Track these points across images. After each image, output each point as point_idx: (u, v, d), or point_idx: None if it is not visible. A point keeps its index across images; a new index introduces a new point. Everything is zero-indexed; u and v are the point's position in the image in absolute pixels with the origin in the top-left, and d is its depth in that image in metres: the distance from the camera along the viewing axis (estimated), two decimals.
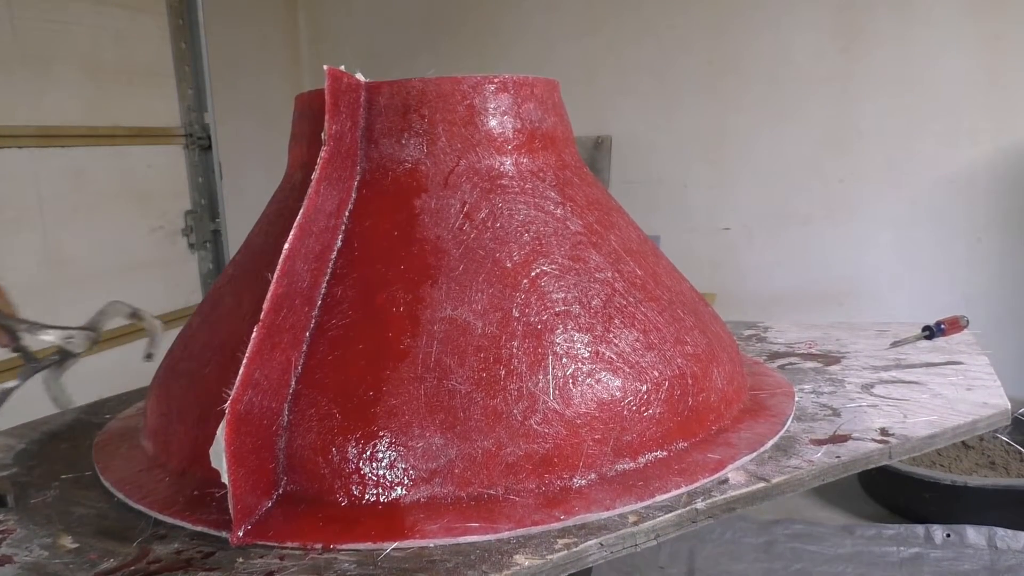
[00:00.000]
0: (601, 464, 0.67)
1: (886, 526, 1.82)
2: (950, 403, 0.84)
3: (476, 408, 0.65)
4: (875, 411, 0.83)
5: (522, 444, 0.65)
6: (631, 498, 0.63)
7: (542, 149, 0.82)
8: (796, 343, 1.16)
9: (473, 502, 0.63)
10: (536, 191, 0.78)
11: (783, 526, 1.85)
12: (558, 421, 0.66)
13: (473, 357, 0.67)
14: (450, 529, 0.60)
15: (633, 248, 0.82)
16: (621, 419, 0.68)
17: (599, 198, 0.85)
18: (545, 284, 0.72)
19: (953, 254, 2.43)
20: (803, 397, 0.89)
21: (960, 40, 2.33)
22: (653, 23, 2.66)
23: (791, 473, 0.68)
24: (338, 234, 0.74)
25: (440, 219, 0.74)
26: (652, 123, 2.71)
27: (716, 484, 0.66)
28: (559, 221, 0.78)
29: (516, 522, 0.60)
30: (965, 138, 2.37)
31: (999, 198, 2.37)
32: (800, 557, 1.73)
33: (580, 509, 0.61)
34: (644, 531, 0.60)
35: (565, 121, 0.88)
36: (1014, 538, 1.69)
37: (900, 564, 1.67)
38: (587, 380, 0.68)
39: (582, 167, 0.88)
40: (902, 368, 0.99)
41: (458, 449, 0.64)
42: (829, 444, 0.74)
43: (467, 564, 0.55)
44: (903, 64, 2.39)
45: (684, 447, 0.72)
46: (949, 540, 1.73)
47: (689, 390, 0.73)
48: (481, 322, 0.69)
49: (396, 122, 0.77)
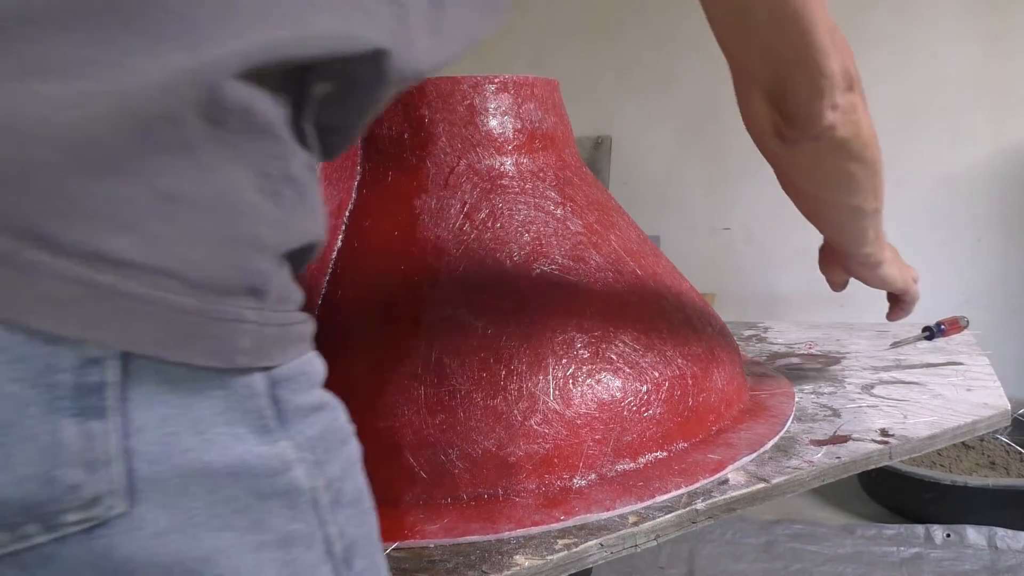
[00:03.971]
0: (601, 464, 0.67)
1: (886, 526, 1.82)
2: (950, 404, 0.84)
3: (476, 408, 0.65)
4: (875, 412, 0.83)
5: (522, 444, 0.65)
6: (631, 498, 0.63)
7: (542, 149, 0.82)
8: (796, 343, 1.16)
9: (473, 502, 0.63)
10: (536, 191, 0.78)
11: (783, 526, 1.85)
12: (558, 421, 0.66)
13: (473, 357, 0.67)
14: (450, 529, 0.60)
15: (633, 248, 0.82)
16: (621, 419, 0.68)
17: (599, 198, 0.85)
18: (545, 284, 0.72)
19: (953, 254, 2.42)
20: (803, 397, 0.89)
21: (960, 40, 2.33)
22: (654, 23, 2.66)
23: (791, 474, 0.68)
24: (338, 234, 0.75)
25: (440, 219, 0.74)
26: (652, 123, 2.71)
27: (716, 484, 0.66)
28: (559, 221, 0.78)
29: (516, 522, 0.60)
30: (965, 138, 2.36)
31: (999, 198, 2.37)
32: (800, 557, 1.73)
33: (580, 509, 0.61)
34: (644, 531, 0.60)
35: (565, 121, 0.88)
36: (1014, 538, 1.69)
37: (900, 564, 1.67)
38: (587, 380, 0.68)
39: (582, 167, 0.88)
40: (902, 369, 0.99)
41: (458, 449, 0.64)
42: (829, 445, 0.74)
43: (467, 564, 0.55)
44: (903, 64, 2.39)
45: (684, 447, 0.72)
46: (949, 540, 1.73)
47: (689, 390, 0.73)
48: (481, 322, 0.69)
49: (396, 122, 0.77)
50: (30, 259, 0.28)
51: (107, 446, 0.29)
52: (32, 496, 0.28)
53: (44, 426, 0.28)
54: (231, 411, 0.32)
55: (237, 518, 0.32)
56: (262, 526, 0.32)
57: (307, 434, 0.35)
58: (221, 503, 0.31)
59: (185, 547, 0.31)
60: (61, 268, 0.28)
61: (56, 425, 0.28)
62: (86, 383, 0.29)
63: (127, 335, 0.29)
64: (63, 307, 0.28)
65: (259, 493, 0.32)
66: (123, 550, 0.30)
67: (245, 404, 0.32)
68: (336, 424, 0.37)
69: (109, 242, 0.29)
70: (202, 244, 0.31)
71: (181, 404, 0.31)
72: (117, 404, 0.29)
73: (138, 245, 0.29)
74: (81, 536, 0.29)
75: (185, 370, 0.30)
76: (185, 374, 0.31)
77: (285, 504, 0.33)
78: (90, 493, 0.29)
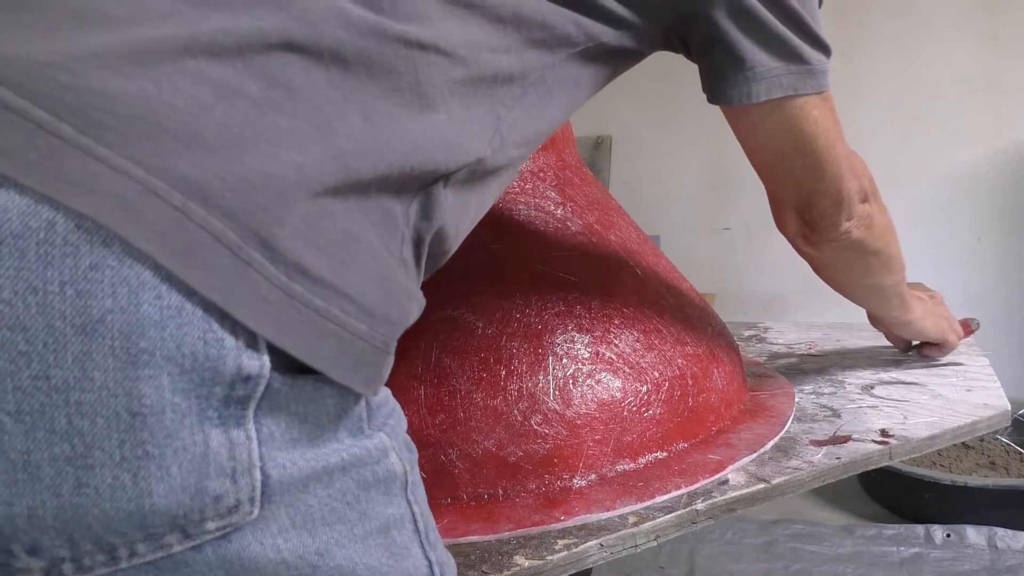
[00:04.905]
0: (601, 464, 0.67)
1: (886, 526, 1.82)
2: (950, 404, 0.84)
3: (476, 408, 0.65)
4: (875, 412, 0.83)
5: (522, 444, 0.65)
6: (631, 499, 0.63)
7: (542, 149, 0.82)
8: (796, 343, 1.16)
9: (473, 502, 0.63)
10: (536, 191, 0.78)
11: (783, 526, 1.85)
12: (558, 421, 0.66)
13: (473, 357, 0.67)
14: (450, 529, 0.60)
15: (633, 248, 0.82)
16: (621, 419, 0.68)
17: (599, 198, 0.85)
18: (545, 284, 0.72)
19: (953, 254, 2.42)
20: (803, 398, 0.89)
21: (960, 41, 2.33)
22: None
23: (791, 474, 0.68)
24: None
25: None
26: (652, 123, 2.71)
27: (716, 485, 0.66)
28: (559, 221, 0.77)
29: (516, 522, 0.60)
30: (965, 138, 2.36)
31: (999, 198, 2.37)
32: (800, 557, 1.73)
33: (580, 510, 0.61)
34: (644, 532, 0.60)
35: (565, 121, 0.88)
36: (1014, 538, 1.69)
37: (900, 564, 1.67)
38: (587, 380, 0.68)
39: (582, 167, 0.88)
40: (902, 369, 0.99)
41: (458, 449, 0.64)
42: (829, 445, 0.74)
43: (467, 564, 0.55)
44: (903, 65, 2.39)
45: (684, 448, 0.72)
46: (949, 540, 1.73)
47: (689, 391, 0.73)
48: (481, 322, 0.69)
49: None
50: (250, 256, 0.30)
51: (248, 454, 0.30)
52: (181, 507, 0.29)
53: (197, 436, 0.29)
54: (341, 418, 0.34)
55: (347, 510, 0.34)
56: (367, 515, 0.35)
57: (390, 424, 0.38)
58: (334, 497, 0.34)
59: (305, 542, 0.33)
60: (271, 272, 0.31)
61: (207, 435, 0.29)
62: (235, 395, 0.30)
63: (308, 346, 0.32)
64: (263, 306, 0.30)
65: (364, 483, 0.35)
66: (251, 551, 0.31)
67: (351, 410, 0.35)
68: (399, 411, 0.41)
69: (309, 257, 0.32)
70: (374, 281, 0.35)
71: (303, 413, 0.33)
72: (253, 415, 0.31)
73: (330, 266, 0.33)
74: (216, 541, 0.30)
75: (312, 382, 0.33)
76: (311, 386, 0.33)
77: (383, 491, 0.36)
78: (232, 501, 0.30)
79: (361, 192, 0.35)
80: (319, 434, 0.33)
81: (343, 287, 0.33)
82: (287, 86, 0.34)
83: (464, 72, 0.41)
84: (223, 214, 0.30)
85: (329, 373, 0.32)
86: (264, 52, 0.34)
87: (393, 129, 0.37)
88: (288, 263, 0.31)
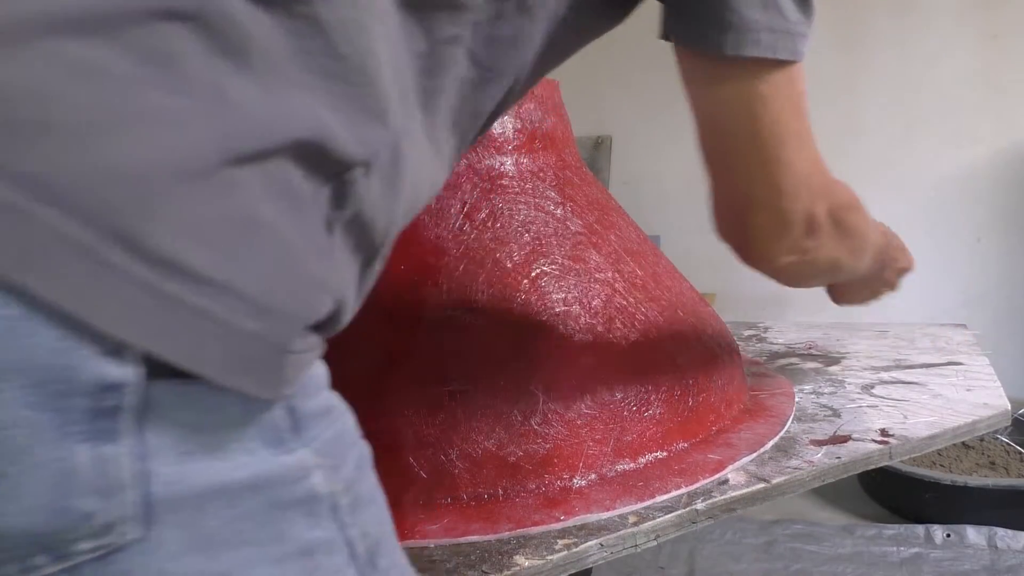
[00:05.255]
0: (601, 464, 0.67)
1: (886, 526, 1.82)
2: (950, 404, 0.84)
3: (476, 408, 0.65)
4: (875, 412, 0.83)
5: (522, 444, 0.65)
6: (631, 498, 0.63)
7: (542, 149, 0.82)
8: (796, 343, 1.16)
9: (473, 502, 0.63)
10: (536, 191, 0.78)
11: (783, 526, 1.85)
12: (558, 421, 0.66)
13: (473, 357, 0.67)
14: (450, 529, 0.60)
15: (633, 248, 0.82)
16: (621, 419, 0.68)
17: (599, 198, 0.85)
18: (545, 284, 0.72)
19: (953, 254, 2.42)
20: (803, 398, 0.89)
21: (960, 40, 2.33)
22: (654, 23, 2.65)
23: (791, 474, 0.68)
24: None
25: (440, 219, 0.74)
26: (652, 123, 2.71)
27: (716, 485, 0.66)
28: (559, 221, 0.78)
29: (516, 522, 0.60)
30: (965, 138, 2.36)
31: (999, 198, 2.37)
32: (800, 557, 1.73)
33: (580, 509, 0.61)
34: (644, 532, 0.60)
35: (565, 121, 0.88)
36: (1014, 538, 1.69)
37: (900, 564, 1.67)
38: (587, 380, 0.68)
39: (582, 167, 0.88)
40: (902, 369, 0.99)
41: (458, 449, 0.64)
42: (829, 445, 0.74)
43: (467, 564, 0.55)
44: (903, 64, 2.39)
45: (684, 447, 0.72)
46: (949, 540, 1.73)
47: (689, 390, 0.73)
48: (481, 322, 0.69)
49: None
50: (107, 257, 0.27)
51: (121, 471, 0.28)
52: (41, 526, 0.27)
53: (58, 452, 0.27)
54: (248, 426, 0.31)
55: (257, 531, 0.31)
56: (283, 537, 0.32)
57: (323, 439, 0.34)
58: (240, 518, 0.31)
59: (202, 566, 0.30)
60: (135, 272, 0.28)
61: (71, 451, 0.27)
62: (102, 407, 0.28)
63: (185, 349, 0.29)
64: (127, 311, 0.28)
65: (279, 503, 0.32)
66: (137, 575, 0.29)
67: (262, 418, 0.32)
68: (347, 425, 0.37)
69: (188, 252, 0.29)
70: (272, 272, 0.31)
71: (197, 423, 0.30)
72: (132, 426, 0.28)
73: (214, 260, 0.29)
74: (94, 563, 0.28)
75: (206, 388, 0.30)
76: (204, 392, 0.30)
77: (305, 512, 0.33)
78: (104, 520, 0.28)
79: (262, 171, 0.32)
80: (220, 445, 0.30)
81: (229, 282, 0.30)
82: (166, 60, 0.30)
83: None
84: (75, 213, 0.27)
85: (214, 377, 0.29)
86: (141, 23, 0.30)
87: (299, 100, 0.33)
88: (159, 261, 0.28)
